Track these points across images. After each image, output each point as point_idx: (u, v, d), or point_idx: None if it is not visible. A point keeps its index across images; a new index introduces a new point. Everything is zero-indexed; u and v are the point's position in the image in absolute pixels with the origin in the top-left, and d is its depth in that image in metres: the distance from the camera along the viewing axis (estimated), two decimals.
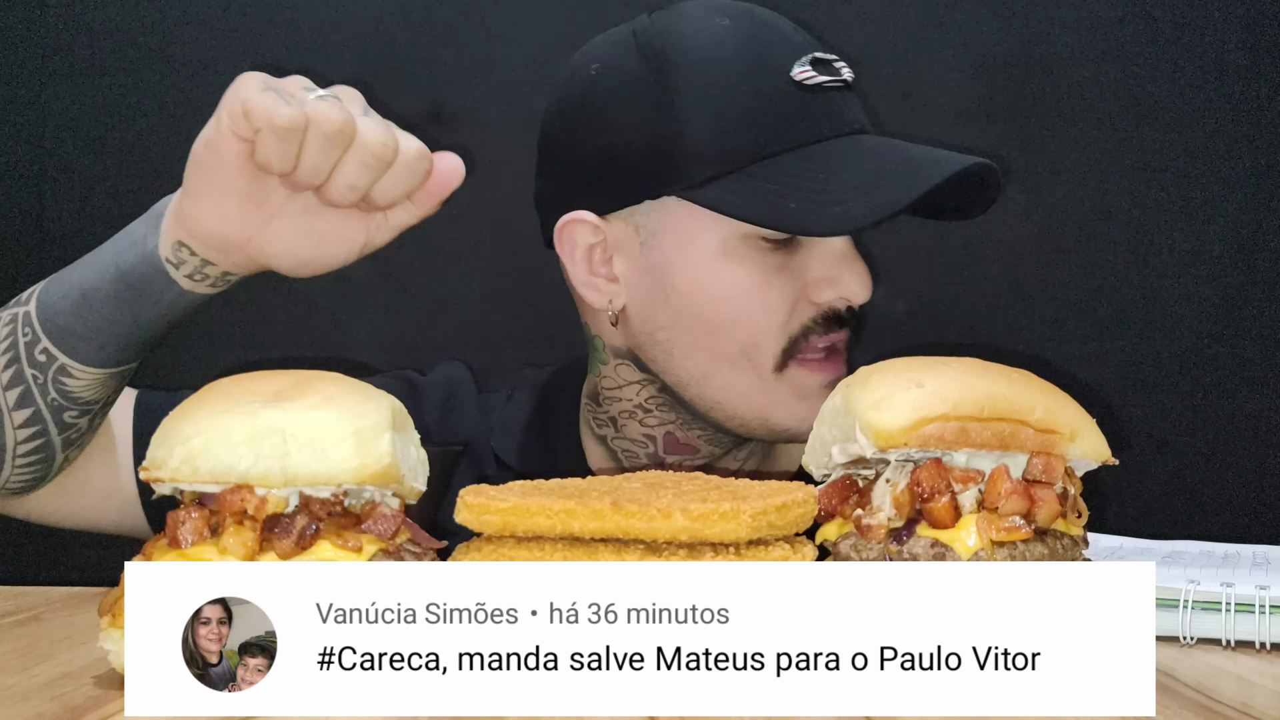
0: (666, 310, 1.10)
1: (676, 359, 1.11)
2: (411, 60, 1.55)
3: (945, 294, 1.56)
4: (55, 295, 0.96)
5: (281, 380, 0.76)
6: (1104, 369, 1.54)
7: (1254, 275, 1.54)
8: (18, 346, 0.96)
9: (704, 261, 1.08)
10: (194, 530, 0.72)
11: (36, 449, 0.99)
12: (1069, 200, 1.55)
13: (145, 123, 1.56)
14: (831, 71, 1.08)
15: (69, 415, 0.98)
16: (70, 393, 0.96)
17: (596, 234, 1.11)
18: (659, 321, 1.10)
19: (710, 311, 1.08)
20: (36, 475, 1.01)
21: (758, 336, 1.08)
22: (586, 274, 1.12)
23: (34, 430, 0.97)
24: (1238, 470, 1.54)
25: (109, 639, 0.72)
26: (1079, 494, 0.76)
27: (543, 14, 1.54)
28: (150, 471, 0.73)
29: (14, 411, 0.96)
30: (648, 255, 1.10)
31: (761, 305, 1.08)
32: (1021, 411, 0.74)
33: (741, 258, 1.07)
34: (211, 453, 0.71)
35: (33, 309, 0.96)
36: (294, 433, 0.72)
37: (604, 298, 1.12)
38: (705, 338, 1.09)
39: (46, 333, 0.95)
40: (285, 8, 1.56)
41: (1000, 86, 1.55)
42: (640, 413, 1.15)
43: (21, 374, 0.96)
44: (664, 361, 1.11)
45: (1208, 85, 1.54)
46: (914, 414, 0.73)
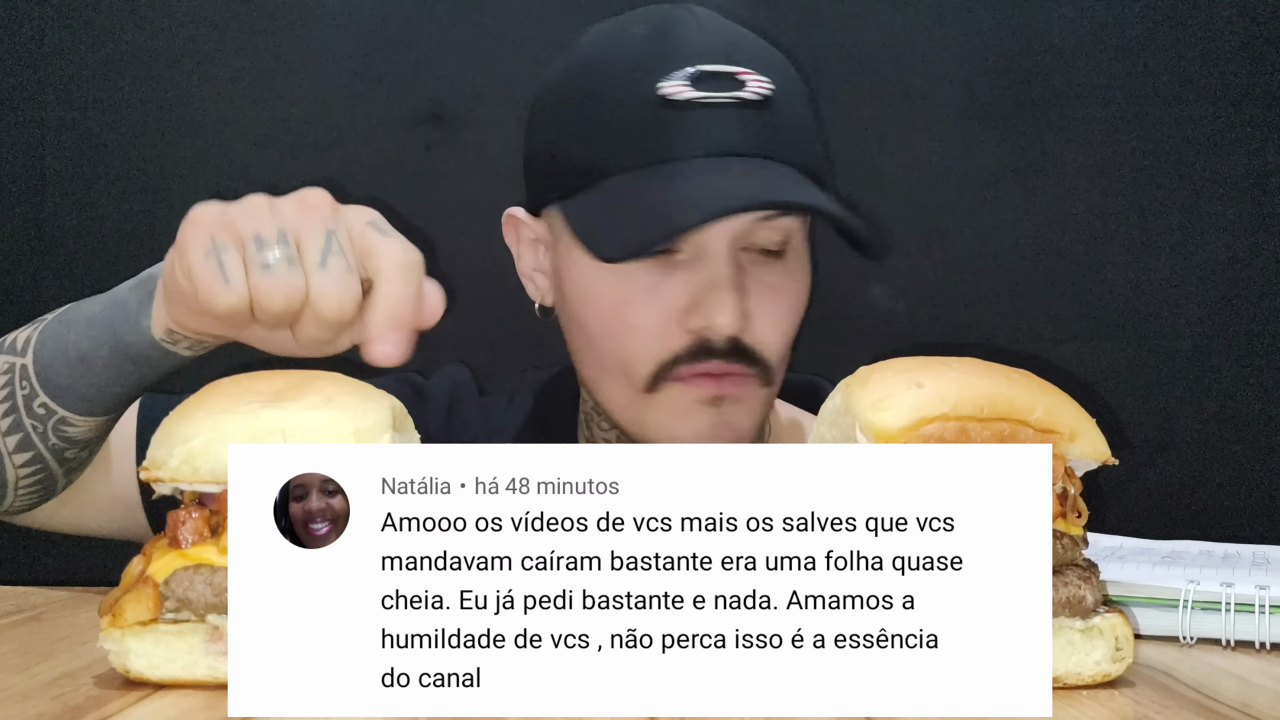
0: (564, 314, 1.13)
1: (577, 363, 1.13)
2: (411, 60, 1.55)
3: (945, 294, 1.56)
4: (51, 354, 0.94)
5: (281, 380, 0.76)
6: (1104, 369, 1.54)
7: (1254, 275, 1.54)
8: (15, 397, 0.96)
9: (583, 271, 1.08)
10: (194, 530, 0.72)
11: (37, 481, 1.00)
12: (1069, 200, 1.55)
13: (145, 124, 1.56)
14: (725, 86, 1.03)
15: (69, 453, 0.98)
16: (70, 437, 0.97)
17: (531, 231, 1.14)
18: (564, 324, 1.14)
19: (588, 321, 1.09)
20: (39, 499, 1.02)
21: (627, 354, 1.07)
22: (527, 268, 1.16)
23: (35, 468, 0.98)
24: (1238, 470, 1.54)
25: (109, 639, 0.72)
26: (1079, 494, 0.76)
27: (543, 14, 1.54)
28: (150, 471, 0.73)
29: (14, 454, 0.97)
30: (551, 258, 1.13)
31: (626, 324, 1.06)
32: (1021, 411, 0.74)
33: (615, 271, 1.05)
34: (211, 453, 0.72)
35: (29, 363, 0.95)
36: (294, 433, 0.72)
37: (537, 293, 1.16)
38: (587, 346, 1.10)
39: (45, 389, 0.94)
40: (285, 9, 1.56)
41: (1000, 86, 1.55)
42: (595, 414, 1.16)
43: (20, 423, 0.96)
44: (575, 364, 1.14)
45: (1208, 85, 1.54)
46: (914, 414, 0.73)
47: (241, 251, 0.79)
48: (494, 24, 1.56)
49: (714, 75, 1.03)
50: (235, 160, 1.56)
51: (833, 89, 1.54)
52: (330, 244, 0.79)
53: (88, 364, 0.93)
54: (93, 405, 0.95)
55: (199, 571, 0.72)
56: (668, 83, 1.02)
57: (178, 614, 0.72)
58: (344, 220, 0.81)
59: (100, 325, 0.93)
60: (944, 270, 1.55)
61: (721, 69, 1.03)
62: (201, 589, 0.71)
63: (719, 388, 1.06)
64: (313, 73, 1.55)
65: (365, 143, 1.55)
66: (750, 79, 1.03)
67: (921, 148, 1.56)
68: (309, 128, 1.55)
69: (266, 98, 1.56)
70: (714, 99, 1.02)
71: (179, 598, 0.72)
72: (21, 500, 1.01)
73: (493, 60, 1.55)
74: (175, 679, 0.72)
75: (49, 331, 0.96)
